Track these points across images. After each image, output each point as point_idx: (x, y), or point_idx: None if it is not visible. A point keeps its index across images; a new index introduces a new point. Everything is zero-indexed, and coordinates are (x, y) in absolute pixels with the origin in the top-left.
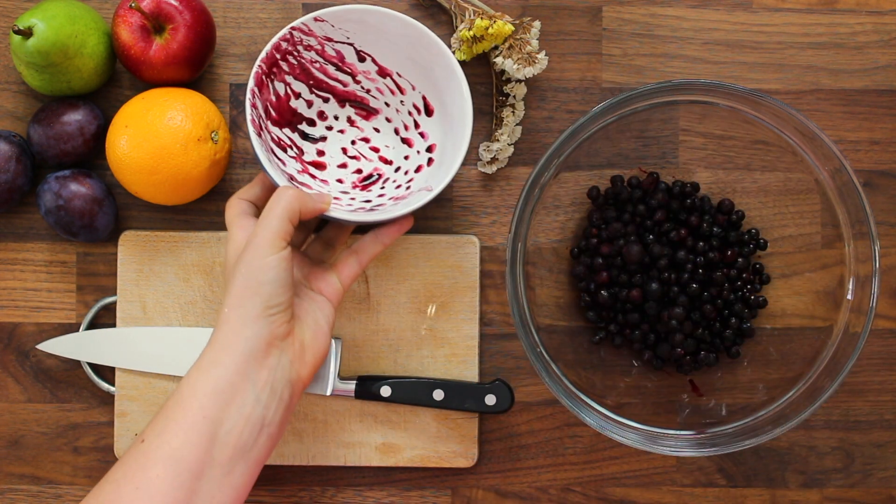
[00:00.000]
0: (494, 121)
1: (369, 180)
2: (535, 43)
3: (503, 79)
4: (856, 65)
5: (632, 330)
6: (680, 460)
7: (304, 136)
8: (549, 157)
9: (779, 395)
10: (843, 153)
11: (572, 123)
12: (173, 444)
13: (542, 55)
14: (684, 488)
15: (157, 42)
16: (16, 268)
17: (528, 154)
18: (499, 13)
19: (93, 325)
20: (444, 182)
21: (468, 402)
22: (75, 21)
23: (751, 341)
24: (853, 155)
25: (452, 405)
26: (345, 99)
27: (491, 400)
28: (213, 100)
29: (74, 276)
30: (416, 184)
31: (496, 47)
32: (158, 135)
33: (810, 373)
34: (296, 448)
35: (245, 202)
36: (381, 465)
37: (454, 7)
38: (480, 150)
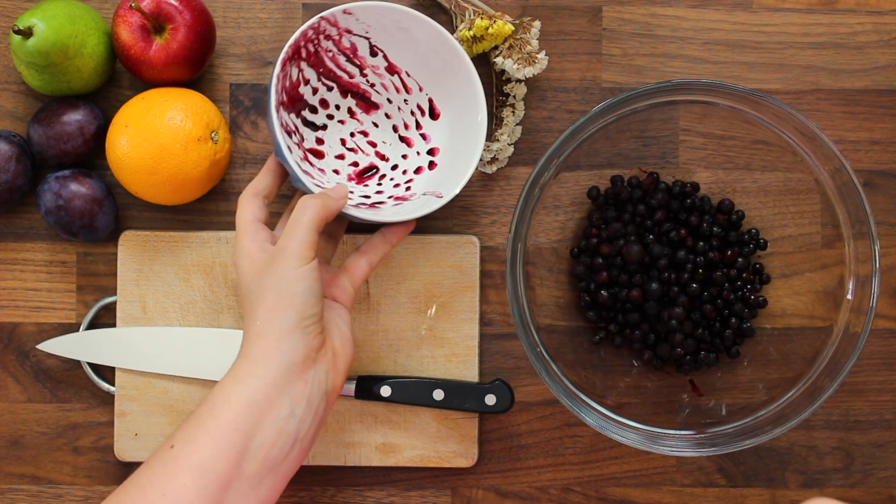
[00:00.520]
0: (494, 121)
1: (366, 174)
2: (535, 43)
3: (503, 79)
4: (856, 65)
5: (632, 330)
6: (680, 460)
7: (306, 122)
8: (549, 157)
9: (779, 395)
10: (843, 153)
11: (572, 123)
12: (203, 454)
13: (542, 55)
14: (684, 488)
15: (157, 42)
16: (16, 268)
17: (528, 154)
18: (499, 13)
19: (93, 325)
20: (456, 189)
21: (468, 402)
22: (75, 21)
23: (751, 341)
24: (853, 155)
25: (452, 405)
26: (348, 90)
27: (491, 400)
28: (213, 100)
29: (74, 276)
30: (416, 186)
31: (496, 47)
32: (158, 135)
33: (810, 373)
34: None
35: (257, 202)
36: (381, 465)
37: (454, 7)
38: None
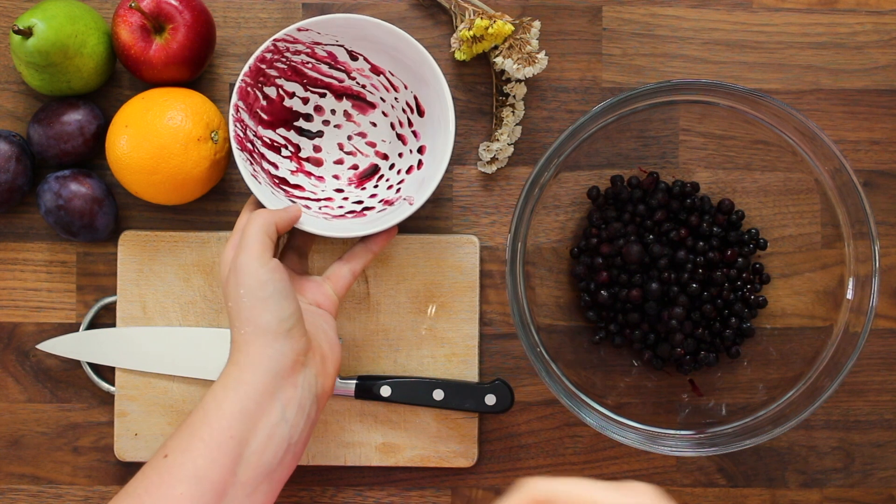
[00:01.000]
0: (494, 121)
1: (366, 177)
2: (535, 43)
3: (503, 79)
4: (856, 65)
5: (632, 330)
6: (680, 460)
7: (301, 131)
8: (549, 157)
9: (779, 395)
10: (843, 153)
11: (572, 123)
12: (198, 462)
13: (542, 55)
14: (684, 488)
15: (157, 42)
16: (16, 268)
17: (528, 154)
18: (499, 13)
19: (93, 325)
20: (426, 195)
21: (468, 402)
22: (75, 21)
23: (751, 341)
24: (853, 155)
25: (452, 405)
26: (342, 93)
27: (491, 400)
28: (213, 100)
29: (74, 276)
30: (405, 187)
31: (496, 47)
32: (158, 134)
33: (810, 373)
34: None
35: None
36: (381, 465)
37: (454, 7)
38: (480, 150)
